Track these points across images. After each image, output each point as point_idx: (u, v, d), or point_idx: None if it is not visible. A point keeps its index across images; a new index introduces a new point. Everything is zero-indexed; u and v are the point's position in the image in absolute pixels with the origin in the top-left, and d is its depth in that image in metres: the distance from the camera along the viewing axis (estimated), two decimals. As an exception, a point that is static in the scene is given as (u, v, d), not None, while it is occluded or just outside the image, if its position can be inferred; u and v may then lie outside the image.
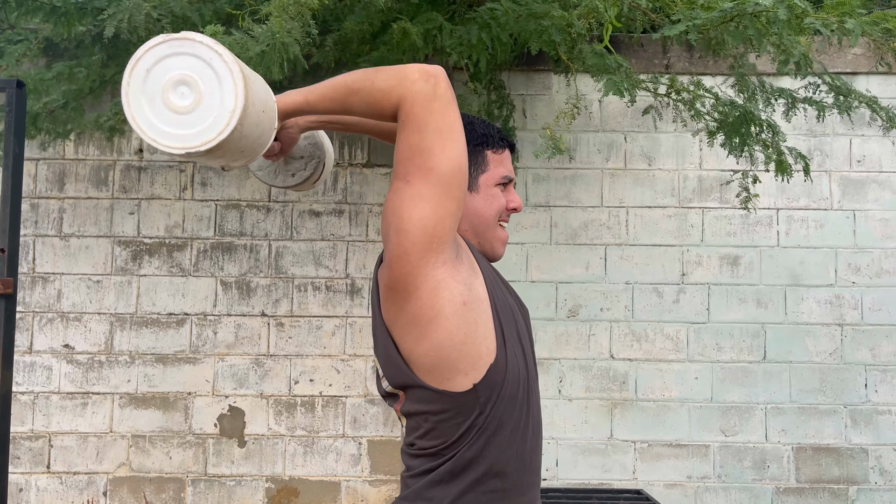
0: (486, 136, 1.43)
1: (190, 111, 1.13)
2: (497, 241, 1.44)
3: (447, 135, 1.24)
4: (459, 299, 1.25)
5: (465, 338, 1.25)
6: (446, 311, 1.25)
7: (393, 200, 1.26)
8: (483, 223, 1.42)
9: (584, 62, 2.72)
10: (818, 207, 4.04)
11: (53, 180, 4.00)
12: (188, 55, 1.12)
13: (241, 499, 3.87)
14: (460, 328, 1.25)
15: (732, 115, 2.92)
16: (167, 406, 3.90)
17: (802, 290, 4.00)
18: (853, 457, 3.92)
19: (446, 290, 1.25)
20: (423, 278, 1.24)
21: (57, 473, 3.87)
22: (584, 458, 3.91)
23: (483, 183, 1.42)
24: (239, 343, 3.94)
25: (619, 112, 4.08)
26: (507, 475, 1.28)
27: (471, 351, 1.25)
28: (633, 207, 4.03)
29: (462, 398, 1.26)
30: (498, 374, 1.27)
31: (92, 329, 3.94)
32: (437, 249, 1.24)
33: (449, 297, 1.25)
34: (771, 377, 3.95)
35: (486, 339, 1.27)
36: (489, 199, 1.42)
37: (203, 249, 3.98)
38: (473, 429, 1.26)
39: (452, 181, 1.24)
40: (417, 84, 1.24)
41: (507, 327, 1.32)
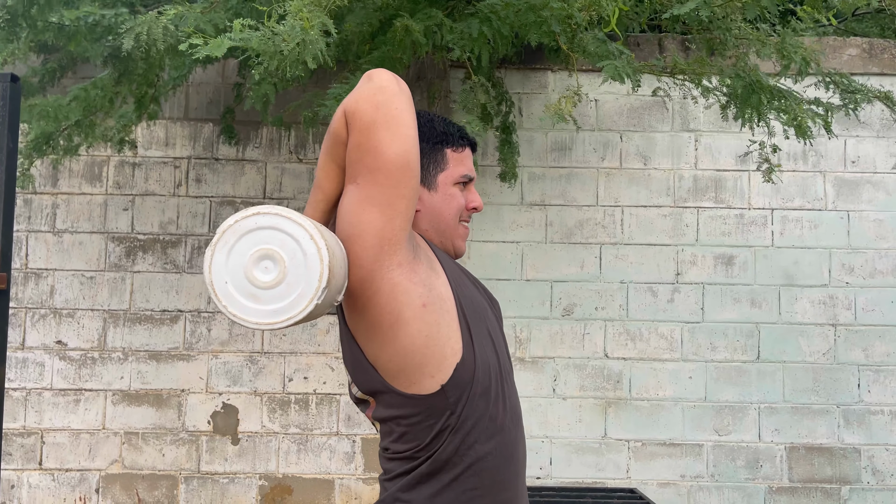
0: (446, 133, 1.40)
1: (275, 286, 1.11)
2: (458, 239, 1.42)
3: (395, 129, 1.19)
4: (418, 301, 1.23)
5: (428, 340, 1.24)
6: (405, 314, 1.23)
7: (344, 205, 1.24)
8: (443, 222, 1.39)
9: (584, 50, 2.70)
10: (812, 208, 4.05)
11: (47, 176, 3.98)
12: (270, 229, 1.12)
13: (234, 496, 3.86)
14: (421, 331, 1.23)
15: (740, 86, 2.89)
16: (160, 403, 3.89)
17: (796, 290, 4.01)
18: (846, 456, 3.93)
19: (403, 294, 1.23)
20: (379, 282, 1.21)
21: (49, 470, 3.85)
22: (578, 456, 3.91)
23: (442, 181, 1.39)
24: (233, 340, 3.92)
25: (615, 111, 4.08)
26: (486, 471, 1.27)
27: (435, 353, 1.24)
28: (629, 207, 4.03)
29: (431, 400, 1.24)
30: (466, 373, 1.26)
31: (85, 325, 3.92)
32: (390, 251, 1.22)
33: (407, 301, 1.23)
34: (764, 377, 3.96)
35: (449, 339, 1.25)
36: (448, 199, 1.39)
37: (197, 246, 3.97)
38: (446, 430, 1.25)
39: (401, 179, 1.21)
40: (360, 88, 1.22)
41: (474, 324, 1.30)
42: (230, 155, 4.00)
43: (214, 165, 4.01)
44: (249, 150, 4.01)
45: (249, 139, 4.01)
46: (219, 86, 4.04)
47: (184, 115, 4.03)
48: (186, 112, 4.03)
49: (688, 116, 4.08)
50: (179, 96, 3.99)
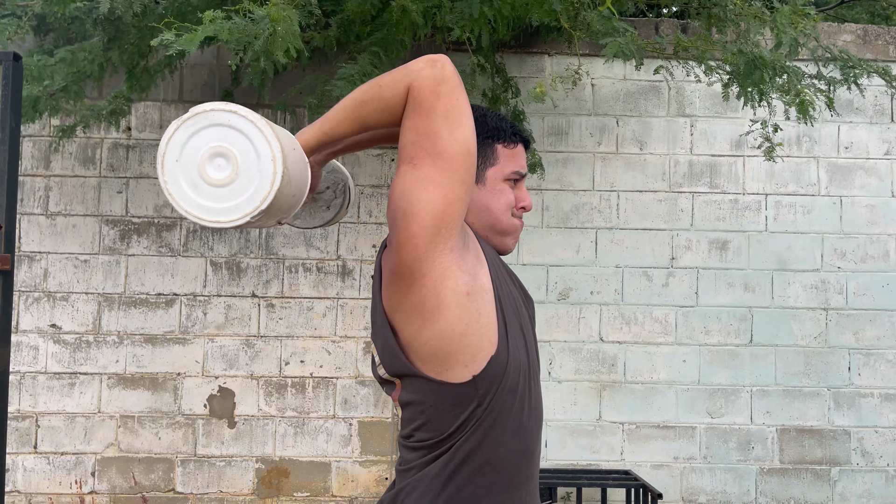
0: (498, 129, 1.39)
1: (234, 179, 1.12)
2: (507, 236, 1.41)
3: (455, 118, 1.21)
4: (463, 289, 1.24)
5: (467, 328, 1.24)
6: (449, 300, 1.23)
7: (400, 184, 1.23)
8: (491, 217, 1.38)
9: (588, 28, 2.69)
10: (806, 193, 4.08)
11: (39, 158, 3.94)
12: (206, 128, 1.11)
13: (231, 479, 3.87)
14: (462, 319, 1.23)
15: (742, 62, 2.89)
16: (156, 386, 3.88)
17: (789, 275, 4.05)
18: (836, 438, 3.99)
19: (451, 280, 1.23)
20: (430, 264, 1.22)
21: (44, 453, 3.84)
22: (573, 439, 3.95)
23: (491, 177, 1.39)
24: (229, 324, 3.92)
25: (612, 96, 4.08)
26: (505, 468, 1.27)
27: (472, 342, 1.24)
28: (624, 191, 4.05)
29: (460, 389, 1.24)
30: (499, 367, 1.26)
31: (79, 309, 3.90)
32: (446, 235, 1.22)
33: (453, 287, 1.23)
34: (757, 360, 4.01)
35: (487, 330, 1.26)
36: (496, 194, 1.38)
37: (192, 229, 3.95)
38: (471, 421, 1.25)
39: (461, 165, 1.22)
40: (424, 70, 1.22)
41: (510, 319, 1.30)
42: (225, 138, 3.97)
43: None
44: (245, 133, 3.98)
45: (245, 122, 3.98)
46: (214, 67, 4.00)
47: (178, 96, 3.99)
48: (181, 94, 3.99)
49: (684, 101, 4.09)
50: (174, 77, 3.95)
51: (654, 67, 3.41)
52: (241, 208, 1.12)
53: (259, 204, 1.11)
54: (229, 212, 1.12)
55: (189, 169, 1.11)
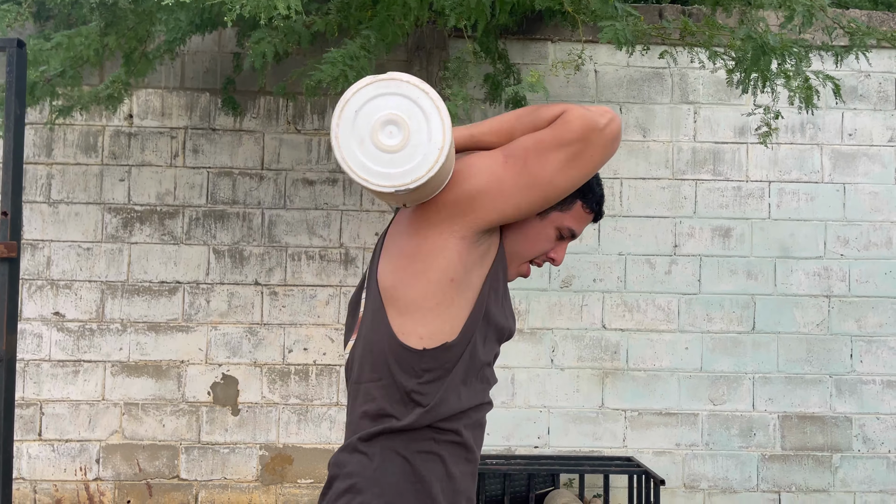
0: (590, 192, 1.42)
1: (398, 150, 1.16)
2: (513, 270, 1.43)
3: (575, 166, 1.25)
4: (450, 275, 1.28)
5: (436, 307, 1.28)
6: (432, 275, 1.28)
7: (481, 161, 1.28)
8: (519, 245, 1.40)
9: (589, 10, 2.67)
10: (809, 180, 4.07)
11: (41, 145, 3.93)
12: (395, 95, 1.16)
13: (234, 466, 3.89)
14: (435, 296, 1.28)
15: (749, 49, 2.87)
16: (160, 374, 3.89)
17: (792, 262, 4.05)
18: (837, 425, 4.01)
19: (444, 259, 1.28)
20: (436, 231, 1.27)
21: (49, 441, 3.85)
22: (576, 426, 3.96)
23: (552, 218, 1.40)
24: (232, 311, 3.92)
25: (615, 82, 4.06)
26: (433, 468, 1.32)
27: (435, 321, 1.29)
28: (627, 179, 4.04)
29: (409, 355, 1.29)
30: (449, 358, 1.30)
31: (83, 297, 3.90)
32: (472, 224, 1.26)
33: (443, 266, 1.28)
34: (759, 347, 4.01)
35: (454, 318, 1.30)
36: (541, 234, 1.41)
37: (195, 217, 3.94)
38: (412, 394, 1.29)
39: (534, 199, 1.27)
40: (594, 110, 1.25)
41: (489, 329, 1.35)
42: (227, 125, 3.97)
43: (212, 136, 3.97)
44: (247, 121, 3.97)
45: (247, 109, 3.97)
46: (215, 55, 3.99)
47: (180, 84, 3.98)
48: (182, 81, 3.98)
49: (687, 88, 4.07)
50: (175, 65, 3.94)
51: (659, 53, 3.39)
52: (393, 178, 1.16)
53: (410, 182, 1.16)
54: (380, 177, 1.16)
55: (363, 124, 1.16)
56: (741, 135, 4.06)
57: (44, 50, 2.88)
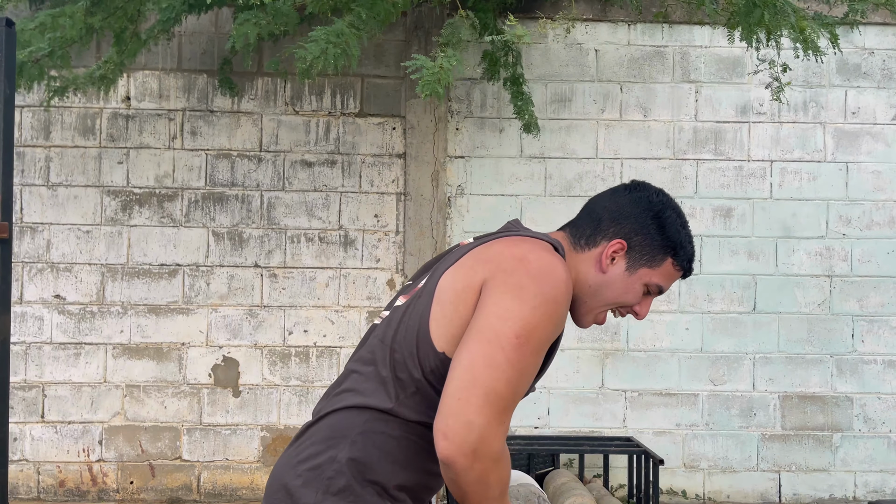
0: (682, 248, 1.37)
1: None
2: (589, 318, 1.39)
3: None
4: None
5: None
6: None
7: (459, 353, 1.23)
8: (601, 298, 1.36)
9: None
10: (812, 159, 4.04)
11: (39, 128, 3.92)
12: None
13: (236, 447, 3.91)
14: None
15: (742, 1, 2.82)
16: (161, 356, 3.90)
17: (793, 242, 4.02)
18: (838, 405, 4.00)
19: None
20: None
21: (52, 423, 3.88)
22: (576, 406, 3.97)
23: (640, 274, 1.36)
24: (232, 294, 3.93)
25: (616, 62, 4.03)
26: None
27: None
28: (628, 159, 4.01)
29: (428, 347, 1.27)
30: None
31: (83, 280, 3.91)
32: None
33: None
34: (760, 327, 4.00)
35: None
36: (628, 288, 1.36)
37: (194, 200, 3.94)
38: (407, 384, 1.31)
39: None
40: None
41: None
42: (225, 107, 3.95)
43: (209, 118, 3.95)
44: (245, 102, 3.95)
45: (245, 91, 3.95)
46: (212, 36, 3.96)
47: (177, 65, 3.95)
48: (180, 63, 3.95)
49: (689, 67, 4.03)
50: (172, 46, 3.91)
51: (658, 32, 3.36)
52: None
53: None
54: None
55: None
56: (743, 114, 4.03)
57: (27, 30, 2.85)
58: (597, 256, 1.36)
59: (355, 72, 3.94)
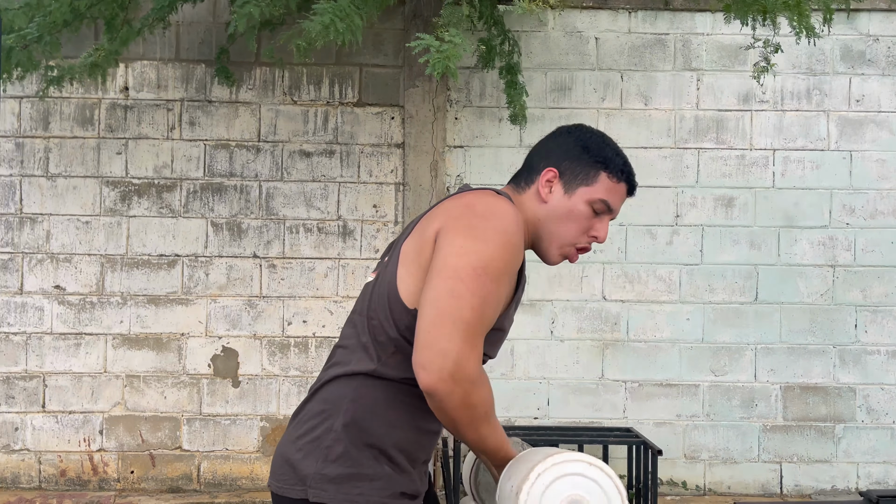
0: (611, 160, 1.41)
1: None
2: (555, 254, 1.43)
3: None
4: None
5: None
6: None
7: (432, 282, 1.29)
8: (553, 228, 1.40)
9: None
10: (815, 148, 4.00)
11: (38, 119, 3.92)
12: (580, 476, 1.22)
13: (236, 437, 3.91)
14: None
15: None
16: (160, 347, 3.91)
17: (796, 232, 3.98)
18: (841, 395, 3.97)
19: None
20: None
21: (52, 412, 3.89)
22: (576, 397, 3.95)
23: (580, 193, 1.39)
24: (231, 284, 3.92)
25: (616, 50, 3.99)
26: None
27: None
28: (629, 148, 3.90)
29: (400, 306, 1.35)
30: None
31: (83, 270, 3.91)
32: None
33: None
34: (762, 318, 3.97)
35: None
36: (573, 212, 1.39)
37: (193, 190, 3.93)
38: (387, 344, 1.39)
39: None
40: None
41: None
42: (224, 97, 3.93)
43: (208, 108, 3.94)
44: (243, 92, 3.94)
45: (243, 80, 3.93)
46: (210, 25, 3.94)
47: (175, 55, 3.94)
48: (178, 53, 3.94)
49: (690, 55, 3.99)
50: (170, 36, 3.90)
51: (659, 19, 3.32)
52: None
53: None
54: None
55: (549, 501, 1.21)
56: (745, 102, 3.98)
57: (11, 10, 2.84)
58: (536, 191, 1.41)
59: (353, 61, 3.92)
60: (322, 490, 1.30)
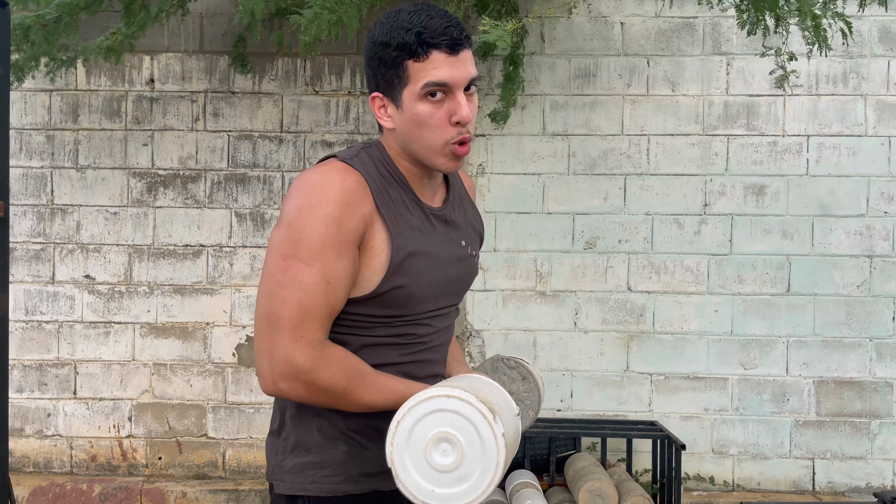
0: (403, 44, 1.23)
1: (455, 468, 1.14)
2: (438, 157, 1.28)
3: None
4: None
5: None
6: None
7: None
8: (415, 142, 1.27)
9: None
10: (851, 133, 3.85)
11: (67, 111, 3.99)
12: (448, 412, 1.14)
13: (260, 425, 3.95)
14: None
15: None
16: (186, 336, 3.96)
17: (831, 221, 3.85)
18: (877, 390, 3.83)
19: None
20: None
21: (83, 399, 3.98)
22: (599, 389, 3.89)
23: (406, 99, 1.25)
24: (255, 274, 3.95)
25: (642, 35, 3.89)
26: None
27: None
28: (655, 135, 3.88)
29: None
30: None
31: (111, 260, 3.99)
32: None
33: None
34: (794, 310, 3.85)
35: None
36: (413, 117, 1.24)
37: (217, 181, 3.97)
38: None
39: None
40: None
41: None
42: (246, 88, 3.95)
43: (231, 99, 3.96)
44: (265, 83, 3.95)
45: (265, 71, 3.94)
46: (233, 16, 3.95)
47: (199, 47, 3.97)
48: (201, 44, 3.97)
49: (719, 38, 3.87)
50: (193, 28, 3.93)
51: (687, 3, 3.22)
52: (468, 494, 1.15)
53: (486, 488, 1.14)
54: (455, 497, 1.15)
55: (416, 453, 1.15)
56: (778, 86, 3.85)
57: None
58: (379, 122, 1.32)
59: (375, 50, 3.89)
60: (281, 481, 1.31)
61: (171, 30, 3.93)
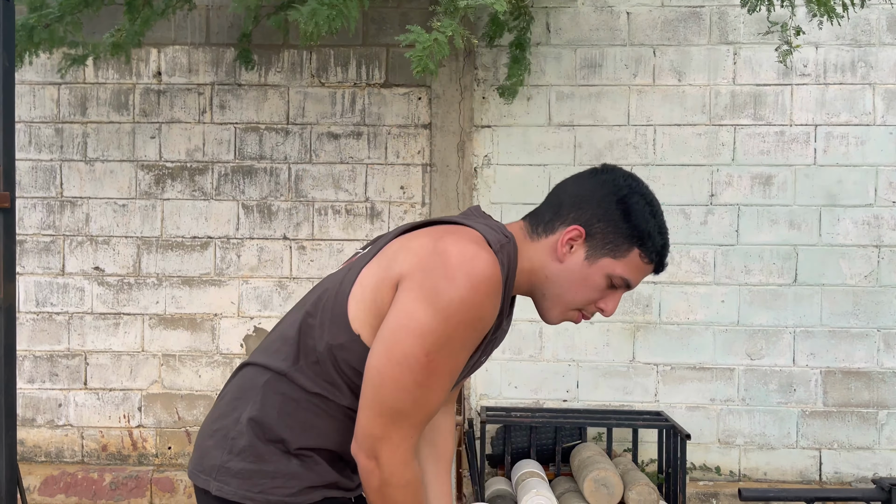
0: (649, 238, 1.24)
1: None
2: (556, 315, 1.30)
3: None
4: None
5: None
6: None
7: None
8: (560, 291, 1.26)
9: None
10: (860, 123, 3.82)
11: (76, 105, 4.02)
12: None
13: (268, 416, 3.98)
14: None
15: None
16: (195, 327, 4.00)
17: (839, 211, 3.83)
18: (885, 381, 3.82)
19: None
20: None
21: (94, 389, 4.03)
22: (606, 380, 3.90)
23: (602, 265, 1.25)
24: (262, 266, 3.98)
25: (648, 24, 3.87)
26: None
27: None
28: (661, 125, 3.87)
29: (344, 325, 1.31)
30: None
31: (120, 252, 4.02)
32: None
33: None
34: (801, 300, 3.84)
35: None
36: (588, 281, 1.25)
37: (224, 173, 3.99)
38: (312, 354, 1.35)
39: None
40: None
41: None
42: (252, 80, 3.97)
43: (237, 91, 3.98)
44: (271, 75, 3.96)
45: (271, 63, 3.96)
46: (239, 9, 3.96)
47: (205, 40, 3.99)
48: (208, 37, 3.99)
49: (727, 28, 3.85)
50: (199, 21, 3.95)
51: None
52: None
53: None
54: None
55: None
56: (785, 76, 3.83)
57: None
58: (553, 244, 1.26)
59: (380, 41, 3.90)
60: (225, 484, 1.25)
61: (178, 23, 3.95)
